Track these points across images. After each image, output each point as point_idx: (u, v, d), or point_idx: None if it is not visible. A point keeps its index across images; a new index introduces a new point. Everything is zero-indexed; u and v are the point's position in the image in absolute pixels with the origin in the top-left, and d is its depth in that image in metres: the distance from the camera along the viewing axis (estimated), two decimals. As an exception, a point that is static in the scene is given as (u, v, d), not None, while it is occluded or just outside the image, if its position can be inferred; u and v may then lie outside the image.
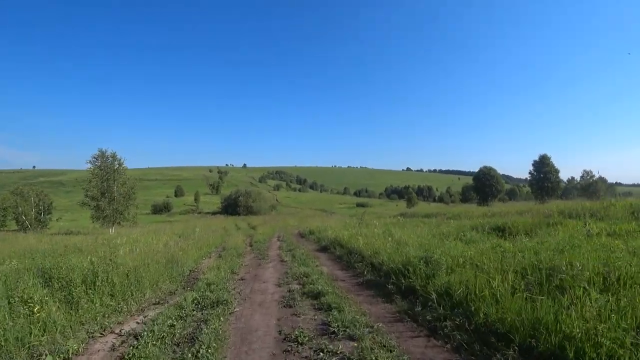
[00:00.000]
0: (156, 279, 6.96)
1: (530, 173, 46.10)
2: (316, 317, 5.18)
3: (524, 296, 4.30)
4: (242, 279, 7.95)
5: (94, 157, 27.88)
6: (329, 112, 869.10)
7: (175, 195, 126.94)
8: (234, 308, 5.70)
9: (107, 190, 27.80)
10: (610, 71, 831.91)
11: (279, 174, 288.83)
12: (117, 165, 28.64)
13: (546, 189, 43.37)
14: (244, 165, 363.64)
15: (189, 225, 27.95)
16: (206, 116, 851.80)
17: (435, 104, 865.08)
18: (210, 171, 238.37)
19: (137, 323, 5.16)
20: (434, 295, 5.01)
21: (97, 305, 5.44)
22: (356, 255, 9.14)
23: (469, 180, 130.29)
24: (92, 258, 6.89)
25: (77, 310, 5.15)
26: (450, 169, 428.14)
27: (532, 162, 45.93)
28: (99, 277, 6.02)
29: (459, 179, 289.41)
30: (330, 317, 4.96)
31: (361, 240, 10.48)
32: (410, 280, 6.01)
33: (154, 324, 4.80)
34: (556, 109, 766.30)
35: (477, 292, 4.74)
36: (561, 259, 5.41)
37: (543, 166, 44.25)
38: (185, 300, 5.93)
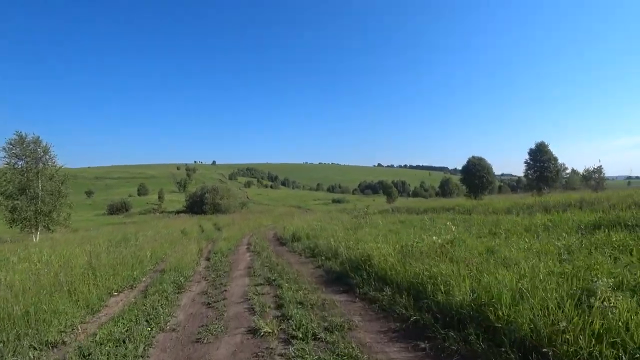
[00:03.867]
0: None
1: (526, 162, 43.73)
2: None
3: None
4: None
5: (10, 144, 21.28)
6: (299, 109, 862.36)
7: (139, 194, 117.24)
8: None
9: (28, 185, 21.57)
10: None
11: (249, 171, 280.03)
12: (42, 154, 22.28)
13: (546, 178, 41.15)
14: (214, 162, 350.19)
15: (141, 228, 22.85)
16: (174, 112, 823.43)
17: (402, 101, 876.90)
18: (178, 169, 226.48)
19: None
20: None
21: None
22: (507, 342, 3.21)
23: (441, 175, 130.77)
24: None
25: None
26: (420, 164, 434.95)
27: (528, 150, 43.61)
28: None
29: (429, 174, 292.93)
30: None
31: (511, 281, 4.05)
32: None
33: None
34: (525, 101, 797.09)
35: None
36: None
37: (541, 154, 42.01)
38: None
